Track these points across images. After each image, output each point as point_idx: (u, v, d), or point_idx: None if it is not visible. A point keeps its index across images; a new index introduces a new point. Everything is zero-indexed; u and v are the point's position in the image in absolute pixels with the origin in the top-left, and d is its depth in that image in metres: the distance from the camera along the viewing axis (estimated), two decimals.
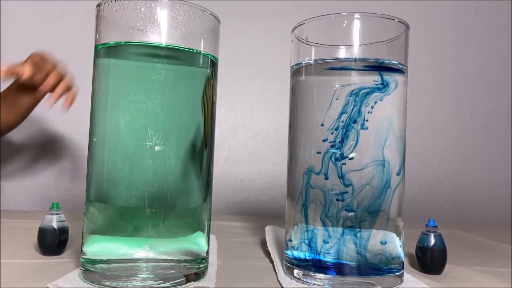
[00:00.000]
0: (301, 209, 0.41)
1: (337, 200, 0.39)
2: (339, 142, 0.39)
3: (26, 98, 0.79)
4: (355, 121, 0.39)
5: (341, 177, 0.39)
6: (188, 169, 0.39)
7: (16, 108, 0.80)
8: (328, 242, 0.39)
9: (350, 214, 0.39)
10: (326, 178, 0.40)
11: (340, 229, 0.39)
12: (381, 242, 0.39)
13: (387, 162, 0.40)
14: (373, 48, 0.40)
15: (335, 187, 0.39)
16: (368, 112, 0.39)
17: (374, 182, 0.39)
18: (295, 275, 0.41)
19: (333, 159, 0.39)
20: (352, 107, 0.39)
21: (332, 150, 0.39)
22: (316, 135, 0.41)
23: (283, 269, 0.44)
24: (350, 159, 0.39)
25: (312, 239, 0.40)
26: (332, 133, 0.40)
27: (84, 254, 0.38)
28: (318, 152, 0.40)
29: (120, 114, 0.38)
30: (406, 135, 0.43)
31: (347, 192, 0.39)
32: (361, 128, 0.39)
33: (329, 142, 0.40)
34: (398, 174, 0.41)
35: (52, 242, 0.46)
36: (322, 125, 0.40)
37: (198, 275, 0.39)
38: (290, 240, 0.43)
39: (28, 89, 0.77)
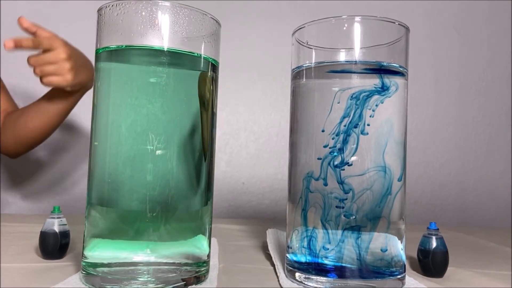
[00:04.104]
0: (301, 212, 0.41)
1: (337, 207, 0.39)
2: (339, 148, 0.39)
3: (57, 105, 0.83)
4: (356, 126, 0.39)
5: (341, 182, 0.39)
6: (189, 172, 0.39)
7: (48, 115, 0.84)
8: (328, 246, 0.39)
9: (350, 218, 0.39)
10: (325, 184, 0.39)
11: (340, 232, 0.39)
12: (382, 246, 0.39)
13: (388, 168, 0.39)
14: (373, 51, 0.40)
15: (335, 191, 0.39)
16: (370, 116, 0.39)
17: (375, 188, 0.39)
18: (297, 278, 0.41)
19: (332, 165, 0.39)
20: (353, 111, 0.39)
21: (332, 155, 0.39)
22: (316, 140, 0.41)
23: (285, 273, 0.44)
24: (349, 165, 0.39)
25: (312, 242, 0.40)
26: (333, 138, 0.39)
27: (86, 257, 0.38)
28: (318, 158, 0.40)
29: (121, 117, 0.38)
30: (408, 138, 0.43)
31: (347, 198, 0.39)
32: (361, 133, 0.39)
33: (329, 148, 0.40)
34: (399, 180, 0.40)
35: (54, 246, 0.46)
36: (323, 130, 0.40)
37: (199, 279, 0.39)
38: (291, 244, 0.43)
39: (59, 95, 0.81)
